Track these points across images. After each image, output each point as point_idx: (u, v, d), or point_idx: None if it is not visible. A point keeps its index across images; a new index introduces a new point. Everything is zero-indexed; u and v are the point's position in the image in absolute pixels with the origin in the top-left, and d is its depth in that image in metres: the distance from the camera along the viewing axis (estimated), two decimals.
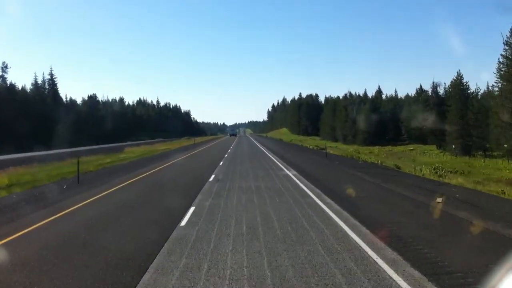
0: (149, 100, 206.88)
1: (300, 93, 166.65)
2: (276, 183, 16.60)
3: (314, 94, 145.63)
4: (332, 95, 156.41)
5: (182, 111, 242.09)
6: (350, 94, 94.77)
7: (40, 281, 5.86)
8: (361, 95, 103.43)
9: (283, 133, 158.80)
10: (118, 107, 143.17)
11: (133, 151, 50.31)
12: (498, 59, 43.36)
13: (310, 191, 14.14)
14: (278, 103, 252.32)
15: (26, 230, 9.19)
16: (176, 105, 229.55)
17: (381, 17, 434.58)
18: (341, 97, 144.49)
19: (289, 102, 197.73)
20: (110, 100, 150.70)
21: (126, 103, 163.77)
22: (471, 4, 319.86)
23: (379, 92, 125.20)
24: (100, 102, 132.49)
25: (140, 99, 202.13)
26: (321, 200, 12.26)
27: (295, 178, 18.06)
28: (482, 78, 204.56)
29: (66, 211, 11.60)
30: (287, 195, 13.47)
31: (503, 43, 42.86)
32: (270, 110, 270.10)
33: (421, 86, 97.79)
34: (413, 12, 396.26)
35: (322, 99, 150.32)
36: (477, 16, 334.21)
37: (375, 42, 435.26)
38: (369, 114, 78.88)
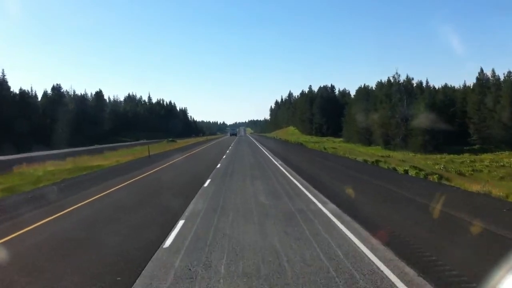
0: (143, 97, 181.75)
1: (310, 85, 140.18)
2: None
3: (330, 86, 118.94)
4: (346, 88, 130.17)
5: (178, 108, 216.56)
6: (390, 81, 68.33)
7: None
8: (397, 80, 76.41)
9: (291, 133, 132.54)
10: (95, 102, 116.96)
11: (30, 171, 24.69)
12: None
13: None
14: (282, 99, 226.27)
15: None
16: (170, 102, 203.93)
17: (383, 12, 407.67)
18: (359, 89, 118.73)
19: (296, 97, 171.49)
20: (89, 94, 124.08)
21: (108, 98, 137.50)
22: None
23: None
24: (68, 95, 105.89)
25: (129, 94, 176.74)
26: None
27: None
28: None
29: None
30: None
31: None
32: (273, 107, 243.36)
33: (482, 70, 72.04)
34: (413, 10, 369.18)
35: (338, 92, 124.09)
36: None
37: (380, 35, 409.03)
38: (430, 107, 52.63)
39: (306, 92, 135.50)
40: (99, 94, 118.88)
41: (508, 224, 7.69)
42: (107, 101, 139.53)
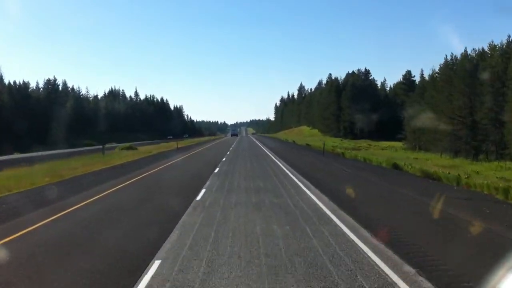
0: (127, 93, 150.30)
1: (330, 74, 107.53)
2: None
3: (363, 70, 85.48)
4: (375, 78, 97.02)
5: (172, 107, 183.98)
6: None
7: None
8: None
9: (308, 134, 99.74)
10: (46, 94, 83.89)
11: None
12: None
13: None
14: (289, 95, 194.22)
15: None
16: (162, 99, 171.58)
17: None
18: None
19: (310, 90, 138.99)
20: (42, 84, 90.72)
21: (72, 90, 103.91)
22: None
23: None
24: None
25: (112, 88, 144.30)
26: None
27: None
28: None
29: None
30: None
31: None
32: (278, 104, 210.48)
33: None
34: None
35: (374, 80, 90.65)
36: None
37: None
38: None
39: (327, 80, 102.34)
40: (51, 84, 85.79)
41: None
42: (77, 94, 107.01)
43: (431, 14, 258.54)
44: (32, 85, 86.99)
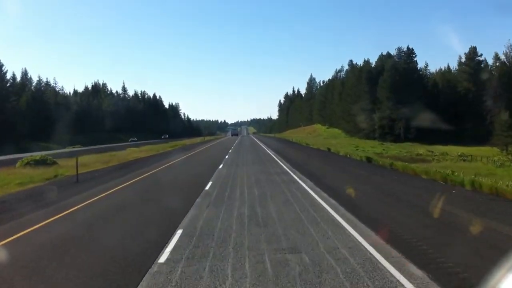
0: (117, 88, 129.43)
1: (351, 60, 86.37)
2: None
3: (405, 50, 63.85)
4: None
5: (168, 104, 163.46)
6: None
7: None
8: None
9: (326, 134, 78.63)
10: None
11: None
12: None
13: None
14: (294, 91, 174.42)
15: None
16: (155, 96, 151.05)
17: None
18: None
19: (321, 83, 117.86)
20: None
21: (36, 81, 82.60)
22: None
23: None
24: None
25: (95, 83, 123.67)
26: None
27: None
28: None
29: None
30: None
31: None
32: (282, 101, 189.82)
33: None
34: None
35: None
36: None
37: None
38: None
39: (350, 66, 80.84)
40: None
41: None
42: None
43: (431, 14, 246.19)
44: None
